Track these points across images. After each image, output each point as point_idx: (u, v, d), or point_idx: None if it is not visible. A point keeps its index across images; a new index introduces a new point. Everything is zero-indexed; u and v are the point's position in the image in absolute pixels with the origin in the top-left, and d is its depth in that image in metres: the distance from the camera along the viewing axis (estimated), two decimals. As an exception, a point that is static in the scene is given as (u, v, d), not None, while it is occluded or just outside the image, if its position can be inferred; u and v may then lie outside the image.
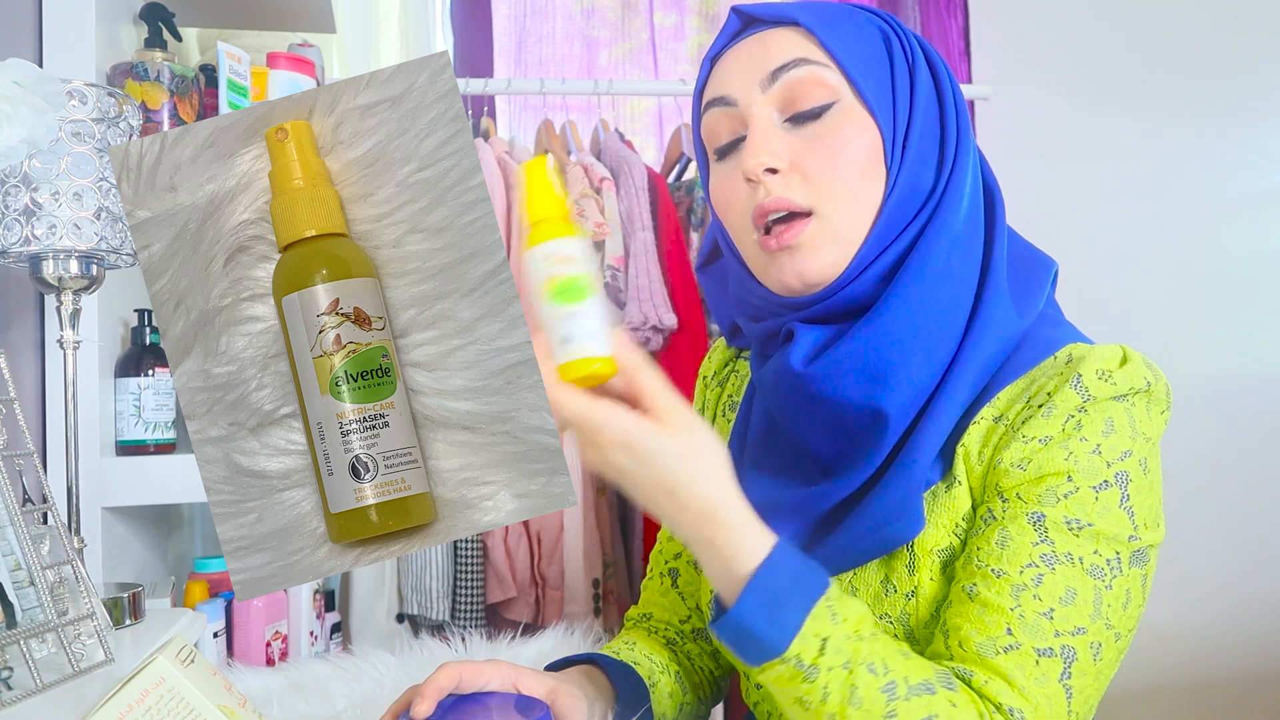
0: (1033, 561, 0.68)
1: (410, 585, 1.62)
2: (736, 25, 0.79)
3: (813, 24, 0.75)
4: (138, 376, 1.26)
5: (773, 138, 0.75)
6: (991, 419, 0.74)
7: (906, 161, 0.75)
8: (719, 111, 0.78)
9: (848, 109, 0.75)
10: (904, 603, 0.74)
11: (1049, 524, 0.69)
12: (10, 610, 0.77)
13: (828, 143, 0.74)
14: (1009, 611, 0.67)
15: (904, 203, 0.75)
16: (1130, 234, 2.46)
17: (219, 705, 0.63)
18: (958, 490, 0.74)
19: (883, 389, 0.73)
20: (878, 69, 0.76)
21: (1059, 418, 0.70)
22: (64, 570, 0.85)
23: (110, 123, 0.95)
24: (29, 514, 0.82)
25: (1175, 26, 2.48)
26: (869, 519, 0.73)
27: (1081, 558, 0.68)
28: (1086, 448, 0.69)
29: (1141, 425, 0.71)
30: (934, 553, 0.73)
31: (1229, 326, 2.49)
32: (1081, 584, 0.68)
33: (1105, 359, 0.71)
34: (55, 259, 0.95)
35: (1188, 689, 2.38)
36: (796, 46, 0.75)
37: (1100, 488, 0.69)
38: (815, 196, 0.74)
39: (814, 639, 0.64)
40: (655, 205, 1.75)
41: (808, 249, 0.74)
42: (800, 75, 0.74)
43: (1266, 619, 2.40)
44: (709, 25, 2.45)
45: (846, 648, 0.65)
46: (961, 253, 0.75)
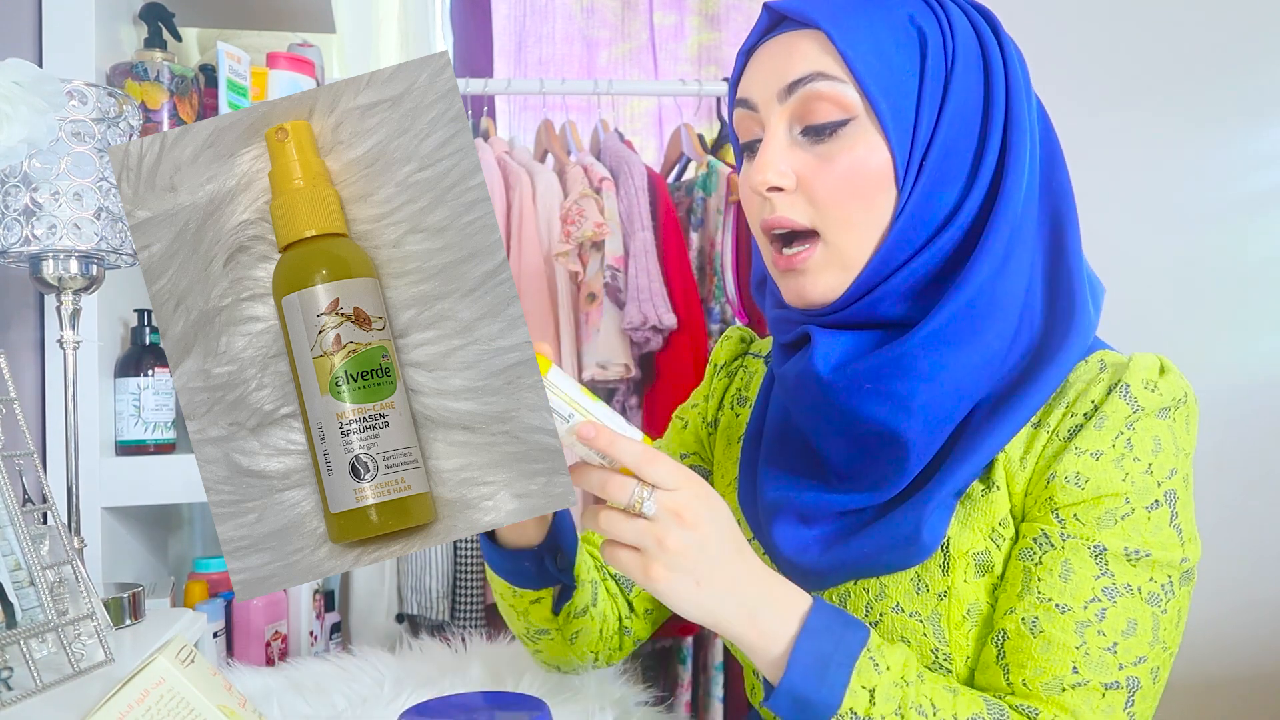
0: (1095, 596, 0.69)
1: (410, 585, 1.63)
2: (767, 21, 0.78)
3: (838, 31, 0.73)
4: (137, 376, 1.26)
5: (782, 154, 0.74)
6: (1031, 425, 0.73)
7: (921, 182, 0.73)
8: (743, 113, 0.79)
9: (861, 128, 0.73)
10: (936, 602, 0.73)
11: (1109, 556, 0.69)
12: (10, 610, 0.77)
13: (836, 164, 0.73)
14: (1075, 650, 0.68)
15: (914, 223, 0.73)
16: (1131, 235, 2.46)
17: (219, 705, 0.63)
18: (995, 495, 0.73)
19: (905, 415, 0.72)
20: (902, 83, 0.73)
21: (1110, 431, 0.70)
22: (64, 570, 0.85)
23: (110, 123, 0.95)
24: (29, 514, 0.82)
25: (1176, 28, 2.48)
26: (898, 534, 0.73)
27: (1140, 587, 0.69)
28: (1139, 468, 0.69)
29: (1182, 441, 0.72)
30: (969, 555, 0.73)
31: (1231, 328, 2.49)
32: (1141, 614, 0.69)
33: (1148, 369, 0.71)
34: (55, 259, 0.95)
35: (1188, 689, 2.39)
36: (815, 59, 0.73)
37: (1152, 508, 0.69)
38: (819, 218, 0.74)
39: (863, 692, 0.66)
40: (655, 205, 1.75)
41: (811, 274, 0.75)
42: (816, 90, 0.73)
43: (1267, 620, 2.40)
44: (709, 25, 2.45)
45: (895, 694, 0.66)
46: (1011, 272, 0.72)
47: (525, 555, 0.81)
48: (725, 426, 0.95)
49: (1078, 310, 0.74)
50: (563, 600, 0.85)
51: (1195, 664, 2.39)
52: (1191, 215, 2.49)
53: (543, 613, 0.86)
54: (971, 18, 0.76)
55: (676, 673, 1.73)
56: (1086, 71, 2.46)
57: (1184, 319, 2.47)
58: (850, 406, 0.74)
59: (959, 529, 0.73)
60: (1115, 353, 0.75)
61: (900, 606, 0.74)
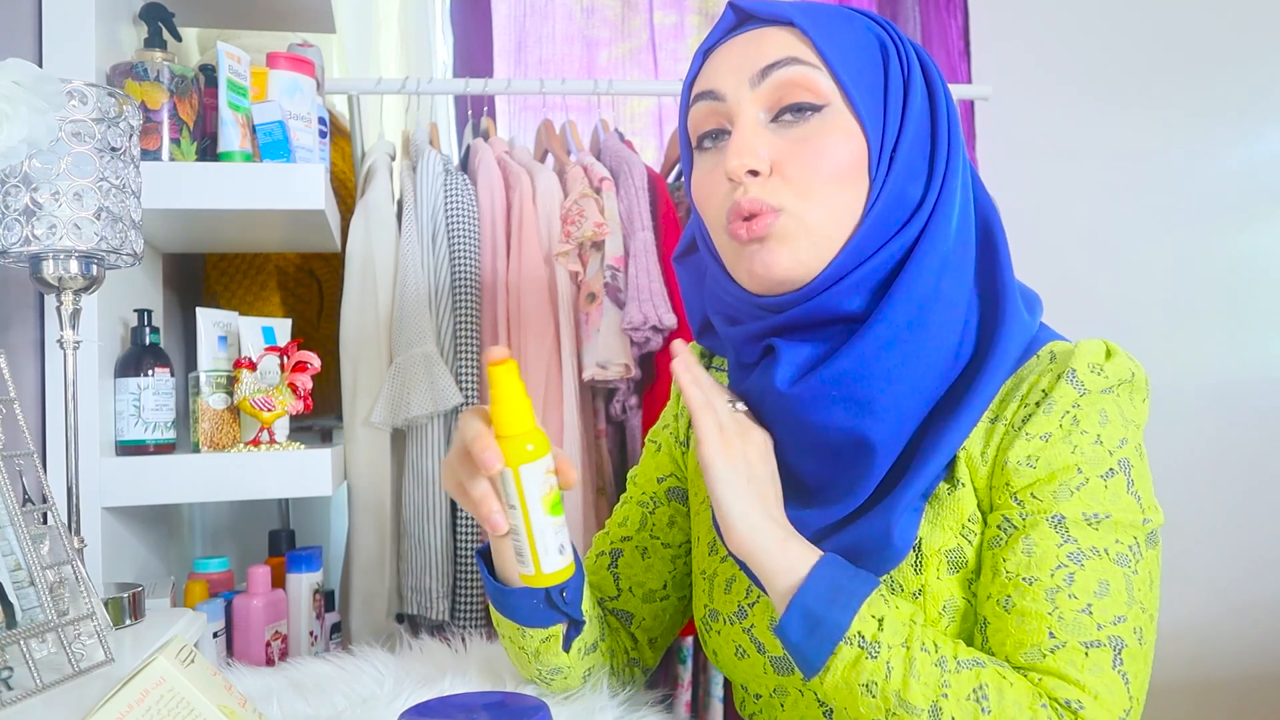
0: (1061, 562, 0.69)
1: (410, 585, 1.62)
2: (732, 20, 0.79)
3: (809, 26, 0.74)
4: (137, 376, 1.26)
5: (756, 138, 0.74)
6: (988, 420, 0.75)
7: (893, 173, 0.74)
8: (706, 105, 0.78)
9: (836, 114, 0.74)
10: (912, 601, 0.74)
11: (1069, 523, 0.70)
12: (10, 610, 0.77)
13: (811, 146, 0.73)
14: (1048, 616, 0.69)
15: (888, 214, 0.74)
16: (1130, 234, 2.46)
17: (219, 705, 0.63)
18: (962, 492, 0.74)
19: (870, 418, 0.73)
20: (871, 77, 0.75)
21: (1057, 413, 0.72)
22: (64, 570, 0.85)
23: (110, 123, 0.95)
24: (29, 514, 0.82)
25: (1175, 26, 2.48)
26: (869, 540, 0.74)
27: (1106, 549, 0.70)
28: (1088, 439, 0.71)
29: (1130, 413, 0.74)
30: (941, 553, 0.74)
31: (1229, 327, 2.49)
32: (1112, 574, 0.69)
33: (1093, 354, 0.73)
34: (55, 259, 0.95)
35: (1188, 689, 2.38)
36: (790, 46, 0.75)
37: (1107, 476, 0.71)
38: (793, 200, 0.73)
39: (871, 619, 0.68)
40: (655, 205, 1.75)
41: (775, 241, 0.73)
42: (790, 74, 0.74)
43: (1267, 619, 2.40)
44: (709, 24, 2.45)
45: (902, 630, 0.68)
46: (952, 275, 0.75)
47: (533, 591, 0.80)
48: (696, 444, 0.95)
49: (1007, 296, 0.76)
50: (572, 637, 0.84)
51: (1195, 664, 2.39)
52: (1192, 214, 2.49)
53: (553, 650, 0.84)
54: (914, 44, 0.80)
55: (676, 672, 1.73)
56: (1086, 71, 2.46)
57: (1184, 319, 2.47)
58: (816, 418, 0.75)
59: (930, 529, 0.74)
60: (1064, 342, 0.77)
61: None
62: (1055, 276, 1.46)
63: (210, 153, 1.35)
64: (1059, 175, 2.39)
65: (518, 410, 0.69)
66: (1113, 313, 2.33)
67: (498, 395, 0.68)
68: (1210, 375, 2.47)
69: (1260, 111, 2.50)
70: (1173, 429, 1.92)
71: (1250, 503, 2.43)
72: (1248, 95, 2.49)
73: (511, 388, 0.69)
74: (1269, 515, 2.43)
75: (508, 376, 0.68)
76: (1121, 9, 2.47)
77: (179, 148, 1.30)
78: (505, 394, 0.68)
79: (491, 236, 1.70)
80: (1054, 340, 0.77)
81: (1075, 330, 0.88)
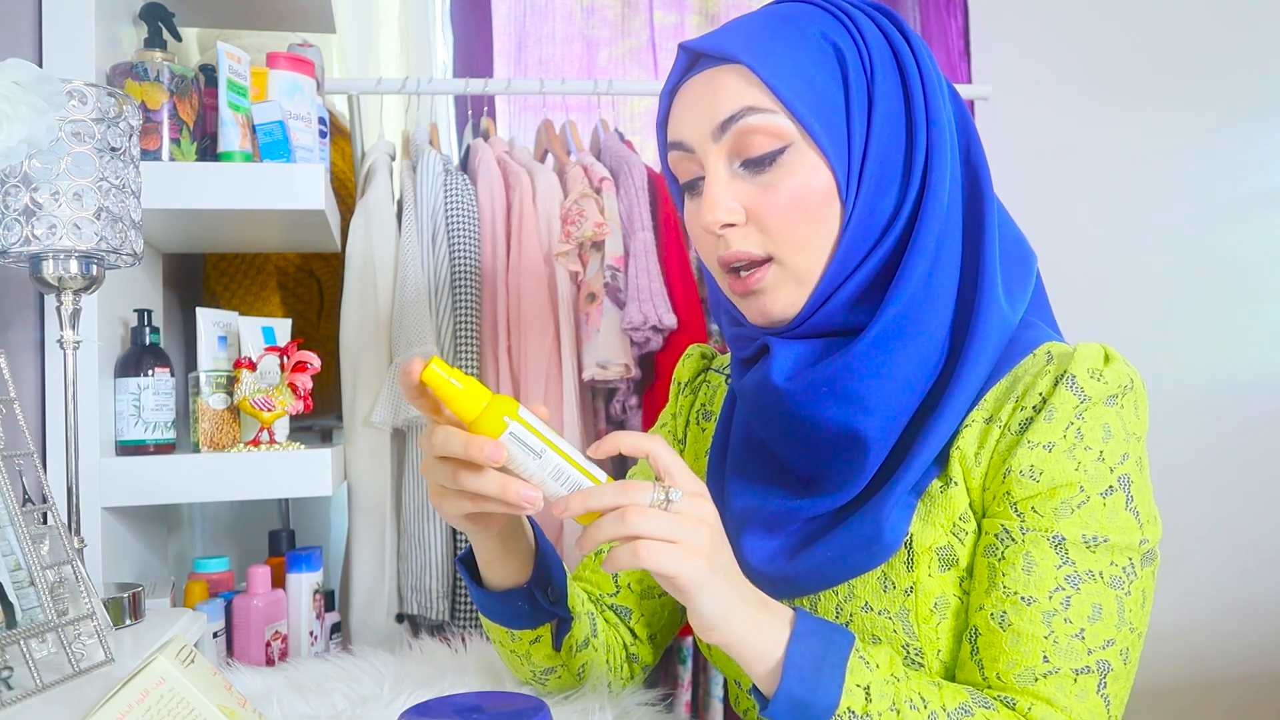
0: (1059, 585, 0.70)
1: (410, 585, 1.62)
2: (685, 61, 0.80)
3: (758, 64, 0.74)
4: (137, 376, 1.26)
5: (727, 191, 0.76)
6: (983, 420, 0.75)
7: (863, 192, 0.75)
8: (679, 155, 0.80)
9: (799, 153, 0.75)
10: (903, 598, 0.75)
11: (1069, 544, 0.70)
12: (10, 610, 0.77)
13: (780, 192, 0.75)
14: (1043, 640, 0.70)
15: (861, 232, 0.75)
16: (1130, 234, 2.46)
17: (219, 705, 0.63)
18: (954, 491, 0.75)
19: (862, 413, 0.74)
20: (829, 100, 0.74)
21: (1060, 422, 0.71)
22: (64, 570, 0.85)
23: (110, 123, 0.95)
24: (29, 514, 0.82)
25: (1176, 26, 2.48)
26: (860, 534, 0.74)
27: (1101, 572, 0.70)
28: (1091, 456, 0.71)
29: (1131, 425, 0.73)
30: (932, 550, 0.74)
31: (1230, 327, 2.49)
32: (1105, 598, 0.70)
33: (1092, 358, 0.73)
34: (55, 259, 0.95)
35: (1188, 689, 2.38)
36: (742, 94, 0.74)
37: (1107, 493, 0.71)
38: (773, 245, 0.76)
39: (858, 690, 0.67)
40: (655, 205, 1.75)
41: (770, 292, 0.77)
42: (748, 125, 0.74)
43: (1266, 620, 2.40)
44: (709, 24, 2.44)
45: (889, 691, 0.68)
46: (944, 262, 0.75)
47: (517, 594, 0.81)
48: (693, 442, 0.97)
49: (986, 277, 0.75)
50: (561, 634, 0.85)
51: (1195, 664, 2.39)
52: (1192, 214, 2.49)
53: (544, 650, 0.86)
54: (878, 21, 0.77)
55: (676, 672, 1.73)
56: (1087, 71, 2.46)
57: (1183, 319, 2.47)
58: (809, 412, 0.76)
59: (921, 526, 0.75)
60: (1061, 343, 0.77)
61: (869, 605, 0.76)
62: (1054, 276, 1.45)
63: (210, 153, 1.35)
64: (1059, 175, 2.39)
65: (471, 391, 0.66)
66: (1112, 313, 2.33)
67: (447, 394, 0.65)
68: (1210, 375, 2.47)
69: (1260, 111, 2.50)
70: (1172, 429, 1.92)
71: (1250, 503, 2.43)
72: (1248, 95, 2.49)
73: (450, 378, 0.65)
74: (1269, 516, 2.43)
75: (438, 375, 0.65)
76: (1121, 9, 2.47)
77: (179, 148, 1.30)
78: (449, 388, 0.65)
79: (491, 236, 1.70)
80: (1051, 340, 0.77)
81: (1075, 330, 0.88)
